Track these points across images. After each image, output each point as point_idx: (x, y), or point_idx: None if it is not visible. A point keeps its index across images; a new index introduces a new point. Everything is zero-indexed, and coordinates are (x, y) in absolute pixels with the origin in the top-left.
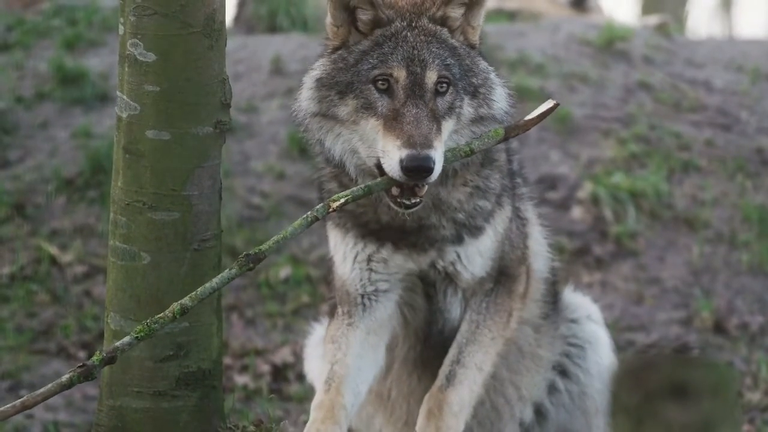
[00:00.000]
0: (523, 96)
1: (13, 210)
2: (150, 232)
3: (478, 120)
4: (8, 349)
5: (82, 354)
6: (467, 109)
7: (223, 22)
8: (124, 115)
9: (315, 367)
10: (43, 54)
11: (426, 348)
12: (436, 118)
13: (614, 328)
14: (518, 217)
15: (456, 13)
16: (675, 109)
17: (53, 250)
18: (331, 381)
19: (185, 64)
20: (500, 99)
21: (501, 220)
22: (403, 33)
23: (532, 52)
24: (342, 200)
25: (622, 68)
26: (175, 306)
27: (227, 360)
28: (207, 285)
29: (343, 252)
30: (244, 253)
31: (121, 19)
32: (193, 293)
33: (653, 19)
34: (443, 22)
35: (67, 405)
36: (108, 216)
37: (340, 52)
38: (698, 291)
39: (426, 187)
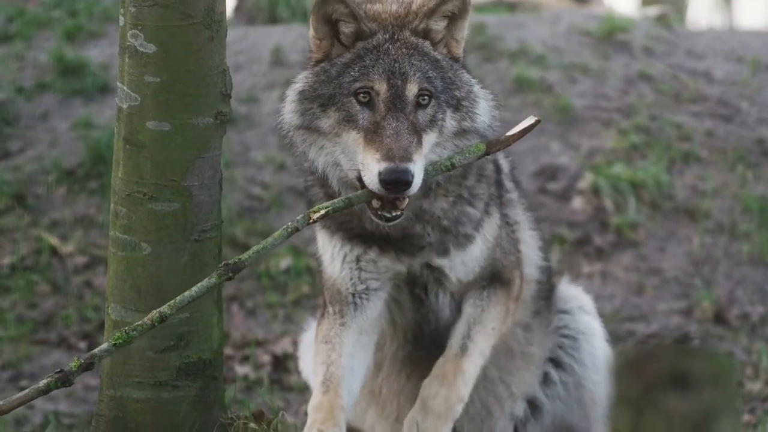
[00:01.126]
0: (523, 87)
1: (14, 201)
2: (150, 222)
3: (461, 133)
4: (9, 339)
5: (82, 344)
6: (450, 122)
7: (223, 13)
8: (125, 106)
9: (310, 365)
10: (43, 45)
11: (416, 348)
12: (417, 131)
13: (615, 318)
14: (507, 223)
15: (438, 25)
16: (675, 99)
17: (54, 240)
18: (328, 382)
19: (185, 55)
20: (483, 112)
21: (490, 228)
22: (385, 46)
23: (532, 43)
24: (322, 212)
25: (623, 59)
26: (154, 314)
27: (228, 350)
28: (186, 294)
29: (331, 253)
30: (224, 262)
31: (122, 10)
32: (172, 302)
33: (653, 10)
34: (426, 34)
35: (67, 395)
36: (108, 207)
37: (322, 64)
38: (699, 281)
39: (407, 200)
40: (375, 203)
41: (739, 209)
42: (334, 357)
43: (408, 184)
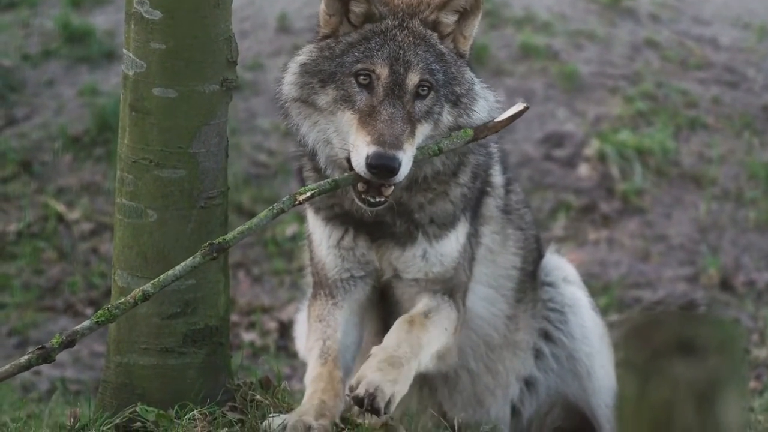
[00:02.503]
0: (529, 54)
1: (20, 167)
2: (156, 189)
3: (456, 129)
4: (15, 306)
5: (89, 311)
6: (447, 116)
7: None
8: (131, 73)
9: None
10: (49, 11)
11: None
12: (412, 121)
13: (621, 285)
14: (475, 239)
15: (449, 19)
16: (682, 66)
17: (60, 207)
18: (326, 355)
19: (191, 21)
20: (481, 110)
21: (462, 230)
22: (393, 32)
23: (538, 10)
24: (308, 194)
25: (629, 26)
26: (137, 292)
27: (234, 317)
28: (170, 272)
29: (319, 235)
30: (209, 242)
31: None
32: (156, 280)
33: None
34: (435, 26)
35: (74, 362)
36: (115, 173)
37: (328, 40)
38: (705, 248)
39: (392, 187)
40: (360, 187)
41: (746, 176)
42: (330, 332)
43: (394, 171)
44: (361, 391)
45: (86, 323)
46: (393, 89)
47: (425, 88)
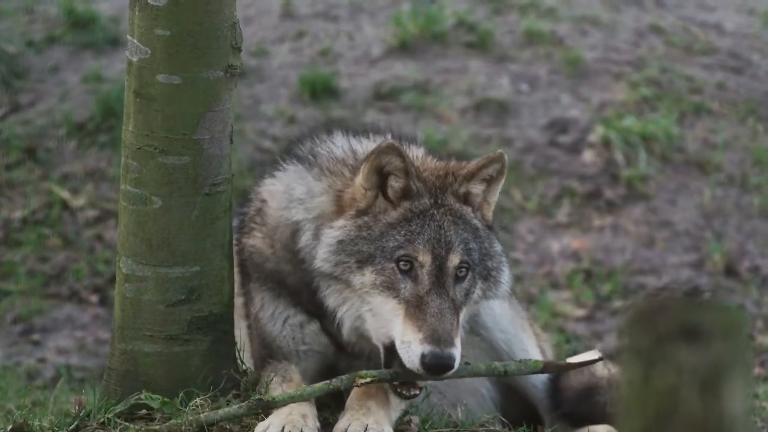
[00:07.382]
0: (533, 40)
1: (25, 154)
2: (161, 176)
3: (481, 302)
4: (20, 293)
5: (94, 298)
6: (477, 292)
7: None
8: (135, 60)
9: None
10: None
11: None
12: (456, 309)
13: (625, 271)
14: None
15: (477, 189)
16: (686, 52)
17: (65, 194)
18: (287, 380)
19: (196, 8)
20: (506, 281)
21: None
22: (431, 211)
23: None
24: (368, 379)
25: (634, 11)
26: None
27: None
28: (212, 414)
29: (272, 312)
30: (259, 397)
31: None
32: (195, 418)
33: None
34: (466, 198)
35: (79, 349)
36: (119, 160)
37: (365, 218)
38: (709, 234)
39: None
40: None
41: (750, 162)
42: (288, 376)
43: (450, 368)
44: None
45: None
46: (438, 276)
47: (463, 269)
